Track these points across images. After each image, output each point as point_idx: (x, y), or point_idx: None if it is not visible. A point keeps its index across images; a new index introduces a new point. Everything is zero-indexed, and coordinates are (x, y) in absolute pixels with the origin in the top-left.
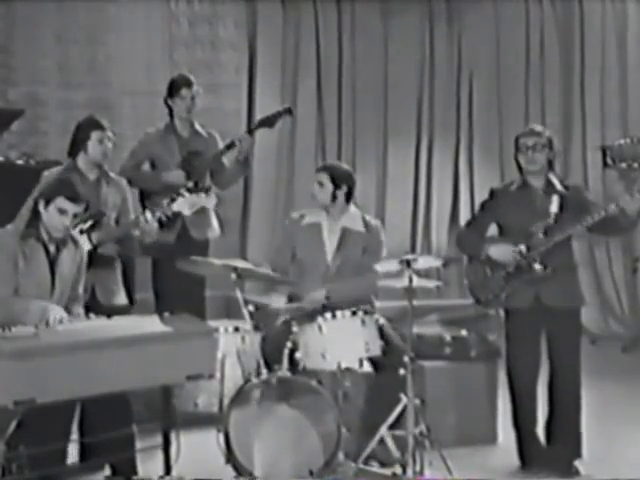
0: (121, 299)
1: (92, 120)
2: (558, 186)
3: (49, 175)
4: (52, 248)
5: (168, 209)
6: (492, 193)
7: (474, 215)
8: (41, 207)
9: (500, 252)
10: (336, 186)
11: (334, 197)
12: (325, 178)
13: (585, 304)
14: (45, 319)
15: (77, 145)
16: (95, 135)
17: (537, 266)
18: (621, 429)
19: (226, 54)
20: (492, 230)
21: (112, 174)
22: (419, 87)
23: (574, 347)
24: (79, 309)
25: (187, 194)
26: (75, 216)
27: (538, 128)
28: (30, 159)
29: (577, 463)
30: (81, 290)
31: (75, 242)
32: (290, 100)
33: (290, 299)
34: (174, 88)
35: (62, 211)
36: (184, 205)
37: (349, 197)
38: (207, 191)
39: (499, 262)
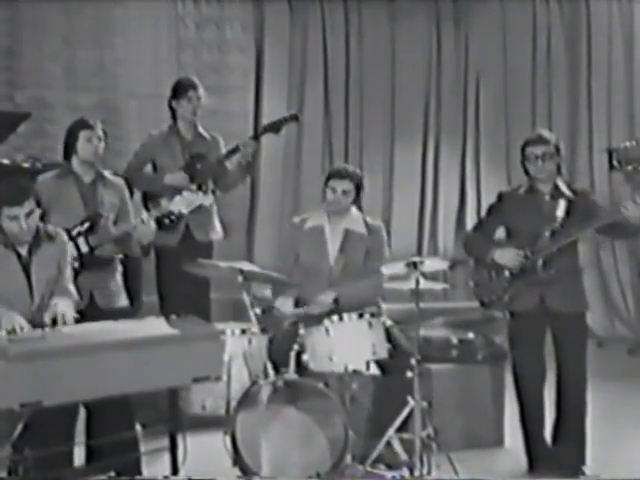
0: (122, 301)
1: (80, 121)
2: (565, 191)
3: (43, 180)
4: (23, 252)
5: (165, 208)
6: (500, 196)
7: (482, 218)
8: None
9: (505, 256)
10: (358, 192)
11: (353, 202)
12: (350, 185)
13: (588, 309)
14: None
15: (69, 148)
16: (83, 134)
17: (540, 268)
18: (627, 431)
19: (233, 56)
20: (499, 233)
21: (109, 175)
22: (426, 89)
23: (580, 350)
24: (64, 304)
25: (185, 193)
26: (30, 214)
27: (546, 135)
28: (36, 162)
29: (584, 467)
30: (68, 286)
31: (51, 237)
32: (297, 102)
33: (296, 302)
34: (180, 90)
35: (13, 217)
36: (181, 203)
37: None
38: (206, 191)
39: (504, 265)
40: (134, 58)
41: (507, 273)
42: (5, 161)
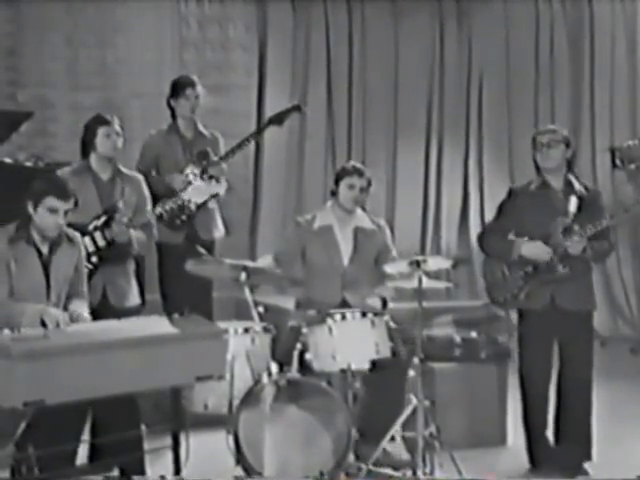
0: (133, 300)
1: (97, 117)
2: (577, 186)
3: (61, 174)
4: (45, 250)
5: (180, 199)
6: (511, 192)
7: (495, 217)
8: (30, 209)
9: (534, 250)
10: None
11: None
12: (365, 183)
13: (596, 308)
14: (41, 323)
15: (87, 145)
16: (102, 131)
17: (559, 266)
18: (630, 430)
19: (236, 55)
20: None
21: (126, 171)
22: (429, 87)
23: (586, 350)
24: (81, 307)
25: (197, 182)
26: (66, 213)
27: (554, 127)
28: (39, 161)
29: (587, 465)
30: (83, 288)
31: (70, 240)
32: (300, 101)
33: (298, 303)
34: (178, 88)
35: (53, 210)
36: (195, 193)
37: None
38: (219, 180)
39: (523, 261)
40: (136, 57)
41: (521, 271)
42: (8, 160)
